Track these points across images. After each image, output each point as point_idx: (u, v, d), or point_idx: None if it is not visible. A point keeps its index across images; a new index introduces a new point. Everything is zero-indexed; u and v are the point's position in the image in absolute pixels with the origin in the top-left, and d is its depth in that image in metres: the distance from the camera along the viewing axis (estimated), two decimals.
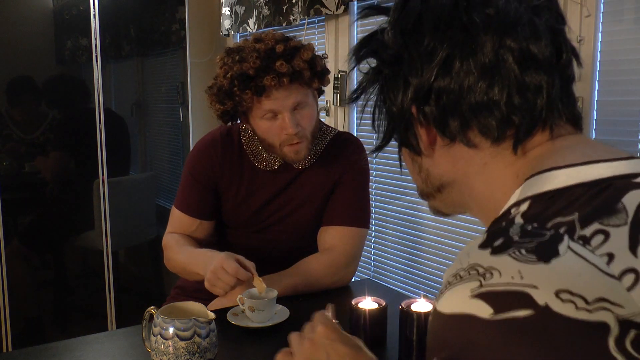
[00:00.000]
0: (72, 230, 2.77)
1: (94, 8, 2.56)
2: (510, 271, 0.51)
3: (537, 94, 0.62)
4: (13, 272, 2.53)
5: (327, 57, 1.52)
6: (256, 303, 1.28)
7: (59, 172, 2.68)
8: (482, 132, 0.64)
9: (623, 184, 0.56)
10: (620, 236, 0.52)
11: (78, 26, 2.60)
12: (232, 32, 2.89)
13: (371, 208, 1.64)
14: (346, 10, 2.22)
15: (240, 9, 2.74)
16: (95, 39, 2.57)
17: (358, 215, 1.56)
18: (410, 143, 0.70)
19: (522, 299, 0.49)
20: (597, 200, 0.55)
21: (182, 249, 1.52)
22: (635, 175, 0.57)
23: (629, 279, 0.49)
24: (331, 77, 2.24)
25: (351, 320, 1.21)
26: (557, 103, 0.64)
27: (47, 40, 2.60)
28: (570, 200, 0.56)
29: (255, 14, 2.62)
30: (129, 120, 2.82)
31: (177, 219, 1.59)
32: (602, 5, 1.46)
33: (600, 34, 1.47)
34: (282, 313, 1.33)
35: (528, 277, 0.50)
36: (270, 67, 1.37)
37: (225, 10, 2.87)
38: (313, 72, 1.43)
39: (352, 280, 1.59)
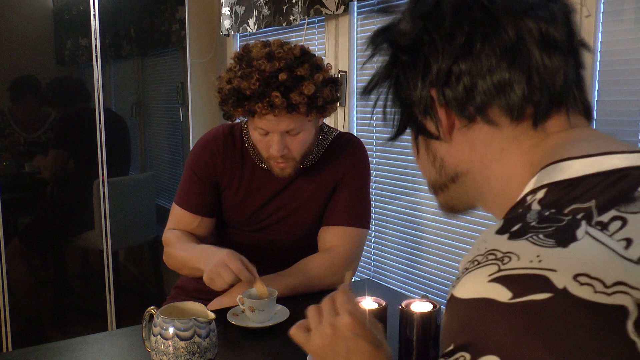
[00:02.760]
0: (72, 230, 2.77)
1: (94, 8, 2.56)
2: (529, 255, 0.51)
3: (556, 74, 0.64)
4: (13, 272, 2.53)
5: (340, 84, 1.48)
6: (256, 303, 1.28)
7: (59, 172, 2.68)
8: (503, 109, 0.65)
9: (638, 172, 0.57)
10: (637, 222, 0.52)
11: (78, 26, 2.60)
12: (232, 32, 2.89)
13: (371, 208, 1.64)
14: (346, 10, 2.22)
15: (240, 9, 2.74)
16: (95, 39, 2.57)
17: (358, 215, 1.56)
18: (426, 129, 0.70)
19: (540, 282, 0.49)
20: (614, 189, 0.56)
21: (183, 245, 1.52)
22: None
23: None
24: None
25: None
26: (573, 86, 0.66)
27: (47, 40, 2.60)
28: (586, 189, 0.57)
29: (255, 14, 2.62)
30: (129, 120, 2.81)
31: (178, 215, 1.59)
32: (602, 5, 1.46)
33: (600, 34, 1.47)
34: (282, 313, 1.33)
35: (547, 261, 0.50)
36: (266, 94, 1.33)
37: (225, 10, 2.87)
38: (311, 107, 1.38)
39: (352, 280, 1.59)
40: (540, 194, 0.60)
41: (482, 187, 0.69)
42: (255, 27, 2.63)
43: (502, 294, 0.51)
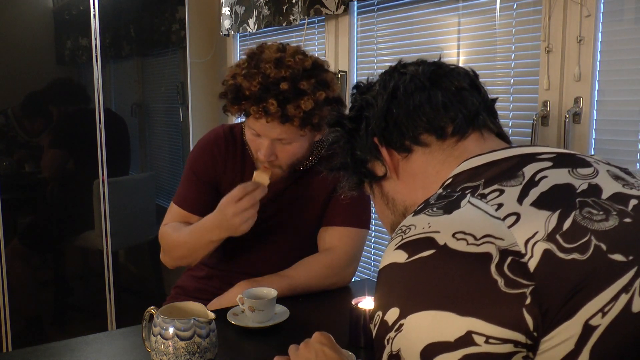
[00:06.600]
0: (72, 230, 2.77)
1: (94, 8, 2.56)
2: (422, 224, 0.65)
3: (464, 101, 0.82)
4: (13, 272, 2.53)
5: (345, 107, 1.45)
6: (256, 303, 1.28)
7: (59, 172, 2.68)
8: (430, 132, 0.80)
9: (527, 158, 0.72)
10: (512, 192, 0.66)
11: (78, 26, 2.60)
12: (232, 32, 2.89)
13: (371, 208, 1.64)
14: (346, 10, 2.22)
15: (240, 9, 2.74)
16: (95, 39, 2.57)
17: (358, 215, 1.56)
18: (376, 174, 0.87)
19: (428, 242, 0.63)
20: (502, 169, 0.71)
21: (180, 231, 1.51)
22: (539, 154, 0.73)
23: (511, 219, 0.62)
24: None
25: (351, 320, 1.21)
26: (482, 111, 0.83)
27: (47, 40, 2.60)
28: (476, 173, 0.73)
29: (255, 14, 2.62)
30: (129, 120, 2.81)
31: (174, 213, 1.59)
32: (602, 5, 1.46)
33: (600, 34, 1.47)
34: (282, 313, 1.33)
35: (434, 225, 0.64)
36: (263, 99, 1.32)
37: (225, 10, 2.87)
38: (306, 122, 1.36)
39: (352, 280, 1.59)
40: (447, 183, 0.76)
41: None
42: (255, 27, 2.63)
43: (401, 257, 0.64)
